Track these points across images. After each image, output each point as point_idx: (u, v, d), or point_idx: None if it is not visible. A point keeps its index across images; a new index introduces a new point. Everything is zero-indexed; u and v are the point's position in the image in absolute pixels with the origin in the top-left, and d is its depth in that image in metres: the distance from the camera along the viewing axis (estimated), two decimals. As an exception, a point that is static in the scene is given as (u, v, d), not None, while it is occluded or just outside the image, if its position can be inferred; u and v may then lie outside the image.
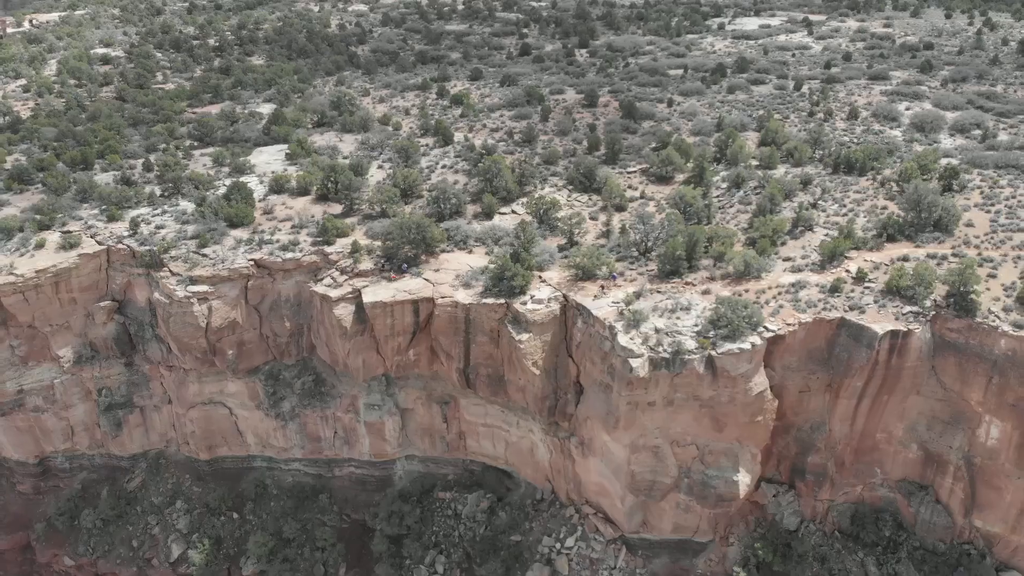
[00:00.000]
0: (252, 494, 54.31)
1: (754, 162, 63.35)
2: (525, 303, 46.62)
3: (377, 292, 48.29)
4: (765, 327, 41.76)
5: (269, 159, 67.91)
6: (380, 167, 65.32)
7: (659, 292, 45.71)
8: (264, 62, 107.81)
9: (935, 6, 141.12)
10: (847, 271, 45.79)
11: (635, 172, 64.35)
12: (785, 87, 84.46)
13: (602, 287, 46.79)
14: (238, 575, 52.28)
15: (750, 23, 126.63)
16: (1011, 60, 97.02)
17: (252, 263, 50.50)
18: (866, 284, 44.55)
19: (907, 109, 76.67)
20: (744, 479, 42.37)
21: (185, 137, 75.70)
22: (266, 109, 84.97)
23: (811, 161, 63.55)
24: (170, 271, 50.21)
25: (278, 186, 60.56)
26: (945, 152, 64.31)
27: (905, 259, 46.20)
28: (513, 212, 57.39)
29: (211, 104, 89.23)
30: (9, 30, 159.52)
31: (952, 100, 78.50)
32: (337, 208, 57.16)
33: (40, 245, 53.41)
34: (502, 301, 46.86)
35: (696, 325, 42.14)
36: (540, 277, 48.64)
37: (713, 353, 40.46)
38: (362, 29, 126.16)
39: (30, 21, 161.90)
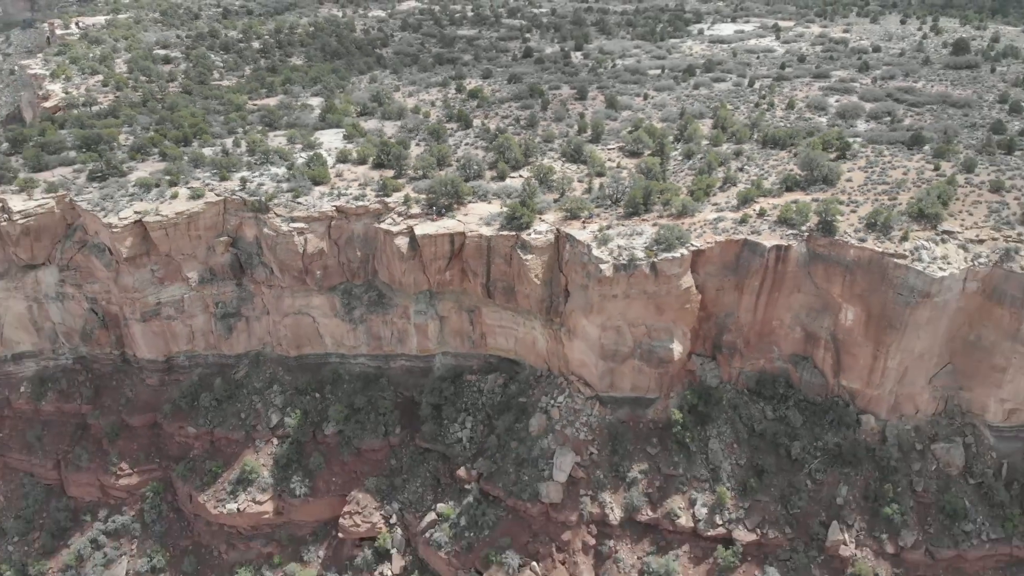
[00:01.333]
0: (329, 379, 76.78)
1: (704, 141, 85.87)
2: (530, 234, 68.81)
3: (425, 228, 70.48)
4: (692, 244, 64.21)
5: (330, 139, 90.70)
6: (417, 144, 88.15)
7: (623, 225, 68.13)
8: (303, 62, 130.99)
9: (895, 13, 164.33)
10: (754, 210, 68.32)
11: (613, 149, 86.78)
12: (741, 84, 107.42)
13: (583, 223, 69.20)
14: (321, 435, 74.73)
15: (727, 29, 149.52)
16: (942, 61, 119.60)
17: (334, 208, 73.06)
18: (764, 217, 67.04)
19: (836, 101, 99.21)
20: (678, 348, 64.88)
21: (256, 123, 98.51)
22: (314, 102, 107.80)
23: (749, 140, 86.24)
24: (275, 214, 72.86)
25: (343, 157, 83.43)
26: (855, 133, 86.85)
27: (795, 202, 68.64)
28: (520, 176, 79.67)
29: (267, 98, 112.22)
30: (58, 31, 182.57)
31: (875, 94, 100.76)
32: (390, 173, 79.67)
33: (174, 196, 75.85)
34: (514, 233, 68.68)
35: (645, 243, 64.62)
36: (540, 217, 70.68)
37: (655, 260, 62.70)
38: (384, 34, 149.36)
39: (76, 24, 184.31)
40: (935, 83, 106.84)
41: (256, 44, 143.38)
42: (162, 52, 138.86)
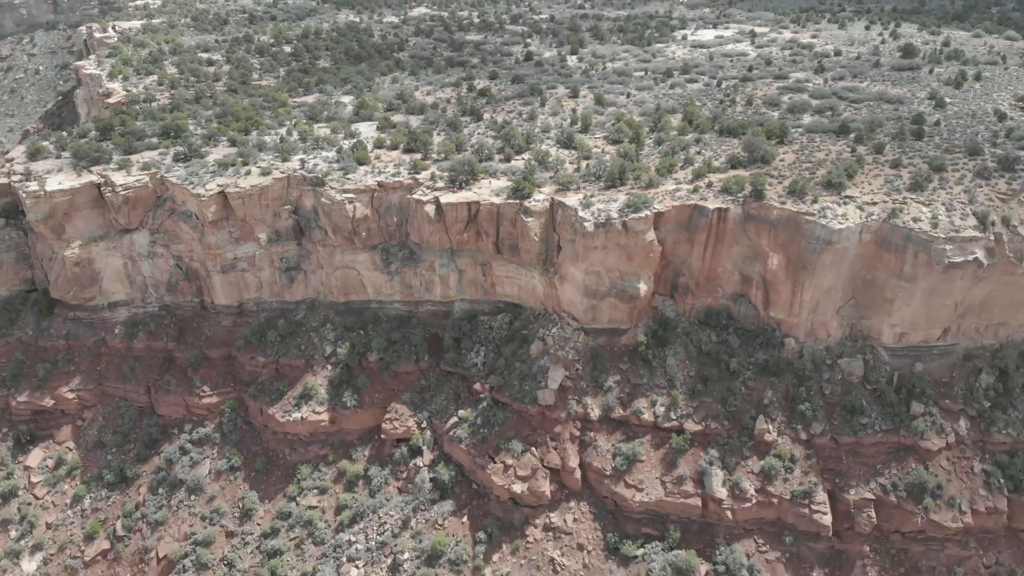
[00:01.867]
0: (371, 320, 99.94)
1: (673, 132, 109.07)
2: (531, 202, 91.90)
3: (448, 198, 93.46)
4: (654, 207, 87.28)
5: (366, 129, 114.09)
6: (438, 134, 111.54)
7: (602, 194, 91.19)
8: (331, 64, 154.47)
9: (864, 19, 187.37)
10: (704, 182, 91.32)
11: (599, 138, 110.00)
12: (711, 84, 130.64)
13: (572, 193, 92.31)
14: (366, 361, 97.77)
15: (708, 34, 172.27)
16: (892, 63, 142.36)
17: (376, 183, 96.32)
18: (711, 188, 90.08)
19: (789, 99, 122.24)
20: (643, 287, 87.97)
21: (301, 117, 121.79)
22: (346, 99, 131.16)
23: (710, 130, 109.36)
24: (330, 187, 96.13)
25: (379, 144, 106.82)
26: (800, 124, 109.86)
27: (736, 176, 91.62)
28: (522, 158, 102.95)
29: (304, 96, 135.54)
30: (96, 35, 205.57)
31: (822, 92, 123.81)
32: (418, 156, 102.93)
33: (247, 173, 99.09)
34: (518, 201, 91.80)
35: (619, 207, 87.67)
36: (539, 189, 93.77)
37: (626, 219, 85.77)
38: (400, 39, 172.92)
39: (113, 27, 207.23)
40: (878, 83, 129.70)
41: (287, 48, 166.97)
42: (204, 55, 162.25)
